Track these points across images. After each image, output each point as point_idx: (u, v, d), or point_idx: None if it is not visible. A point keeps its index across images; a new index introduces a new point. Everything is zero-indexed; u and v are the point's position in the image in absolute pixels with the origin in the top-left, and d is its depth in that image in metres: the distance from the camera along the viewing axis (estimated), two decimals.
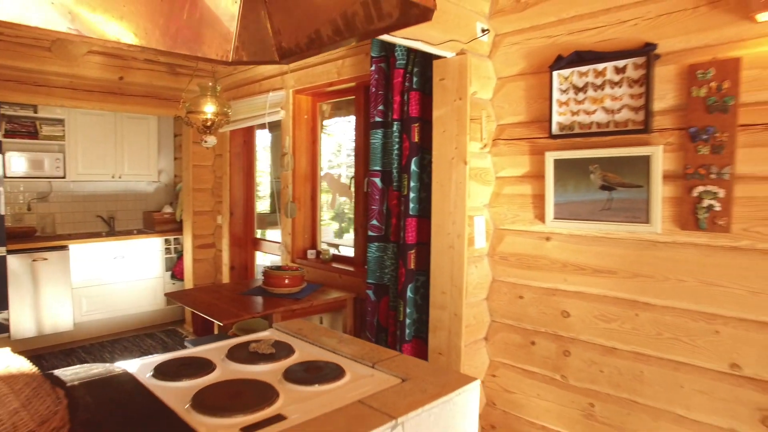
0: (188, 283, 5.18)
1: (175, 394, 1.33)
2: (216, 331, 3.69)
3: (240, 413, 1.20)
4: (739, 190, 1.90)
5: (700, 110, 1.96)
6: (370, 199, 3.05)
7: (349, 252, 4.20)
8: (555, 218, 2.40)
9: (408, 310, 2.78)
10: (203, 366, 1.50)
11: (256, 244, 4.94)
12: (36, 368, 1.10)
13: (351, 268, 3.70)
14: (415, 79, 2.73)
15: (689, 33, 2.03)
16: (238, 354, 1.60)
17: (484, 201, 2.68)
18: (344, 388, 1.39)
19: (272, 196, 5.78)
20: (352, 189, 3.78)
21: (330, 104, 4.26)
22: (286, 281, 3.19)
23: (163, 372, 1.45)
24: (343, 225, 6.72)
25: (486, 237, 2.69)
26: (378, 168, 2.98)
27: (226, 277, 4.93)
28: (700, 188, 1.97)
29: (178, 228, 5.50)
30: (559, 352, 2.48)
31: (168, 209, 5.75)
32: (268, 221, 5.59)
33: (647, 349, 2.19)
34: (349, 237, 5.53)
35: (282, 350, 1.63)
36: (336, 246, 5.66)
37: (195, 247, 5.15)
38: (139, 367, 1.52)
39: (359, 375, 1.48)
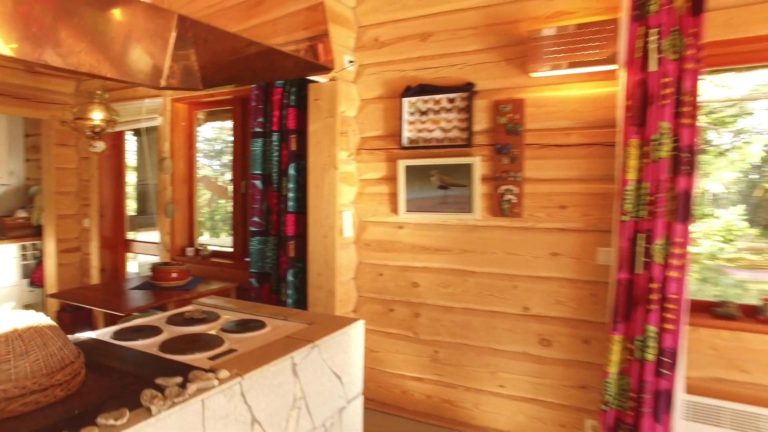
0: (51, 288, 5.01)
1: (141, 348, 1.69)
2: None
3: (201, 351, 1.62)
4: (526, 188, 2.74)
5: (502, 133, 2.77)
6: (252, 199, 3.46)
7: (225, 248, 4.50)
8: (406, 211, 3.07)
9: (290, 292, 3.25)
10: (152, 330, 1.85)
11: (127, 245, 4.98)
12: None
13: (231, 262, 4.04)
14: (292, 98, 3.22)
15: (496, 78, 2.83)
16: (176, 320, 1.97)
17: (351, 199, 3.26)
18: (270, 333, 1.86)
19: (138, 198, 5.77)
20: (230, 191, 4.13)
21: (205, 112, 4.53)
22: (174, 275, 3.45)
23: (121, 336, 1.77)
24: (217, 225, 6.87)
25: (353, 228, 3.28)
26: (259, 172, 3.41)
27: (95, 280, 4.89)
28: (503, 187, 2.77)
29: (35, 233, 5.26)
30: (411, 314, 3.16)
31: (22, 213, 5.44)
32: (138, 223, 5.57)
33: (473, 305, 2.96)
34: (221, 237, 5.76)
35: (211, 315, 2.04)
36: (206, 246, 5.83)
37: (59, 252, 5.01)
38: (96, 335, 1.81)
39: (277, 325, 1.96)
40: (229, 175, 4.50)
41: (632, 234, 2.41)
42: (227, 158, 5.35)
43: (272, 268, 3.44)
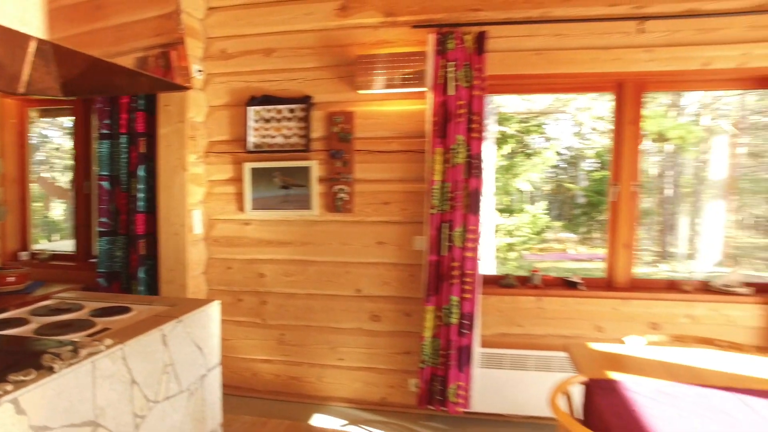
0: None
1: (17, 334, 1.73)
2: None
3: (77, 332, 1.72)
4: (357, 187, 3.15)
5: (335, 140, 3.14)
6: (99, 200, 3.40)
7: (66, 251, 4.27)
8: (252, 209, 3.30)
9: (141, 288, 3.28)
10: (19, 321, 1.86)
11: None
12: None
13: (74, 264, 3.87)
14: (141, 102, 3.25)
15: (330, 93, 3.19)
16: (41, 311, 1.99)
17: (200, 198, 3.39)
18: (137, 315, 2.01)
19: None
20: (72, 191, 3.95)
21: (39, 109, 4.25)
22: (11, 279, 3.25)
23: None
24: (56, 227, 6.31)
25: (202, 225, 3.41)
26: (106, 173, 3.36)
27: None
28: (337, 187, 3.15)
29: None
30: (259, 303, 3.39)
31: None
32: None
33: (314, 290, 3.29)
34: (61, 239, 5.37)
35: (75, 306, 2.09)
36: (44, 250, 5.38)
37: None
38: None
39: (142, 309, 2.09)
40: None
41: (439, 224, 2.93)
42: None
43: (122, 266, 3.42)
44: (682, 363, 1.99)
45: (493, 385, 3.02)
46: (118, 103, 3.30)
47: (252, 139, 3.27)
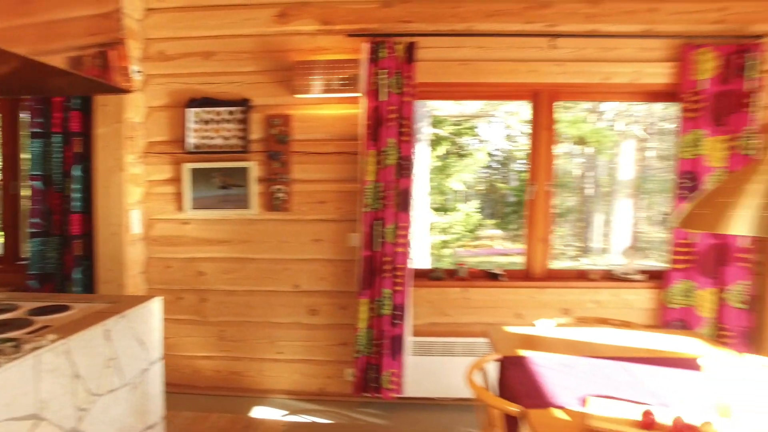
0: None
1: None
2: None
3: (16, 330, 1.72)
4: (294, 187, 3.25)
5: (273, 142, 3.23)
6: (32, 200, 3.31)
7: None
8: (192, 208, 3.33)
9: (77, 289, 3.22)
10: None
11: None
12: None
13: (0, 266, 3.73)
14: (75, 101, 3.19)
15: (268, 96, 3.27)
16: None
17: (138, 198, 3.37)
18: (78, 312, 2.01)
19: None
20: None
21: None
22: None
23: None
24: None
25: (141, 225, 3.39)
26: (39, 172, 3.28)
27: None
28: (275, 187, 3.24)
29: None
30: (199, 300, 3.42)
31: None
32: None
33: (253, 287, 3.36)
34: None
35: (9, 306, 2.05)
36: None
37: None
38: None
39: (82, 307, 2.10)
40: None
41: (371, 221, 3.10)
42: None
43: (55, 267, 3.33)
44: (582, 340, 2.25)
45: (424, 371, 3.22)
46: (50, 102, 3.23)
47: (191, 140, 3.30)
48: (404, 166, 3.06)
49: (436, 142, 8.94)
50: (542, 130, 3.27)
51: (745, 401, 1.49)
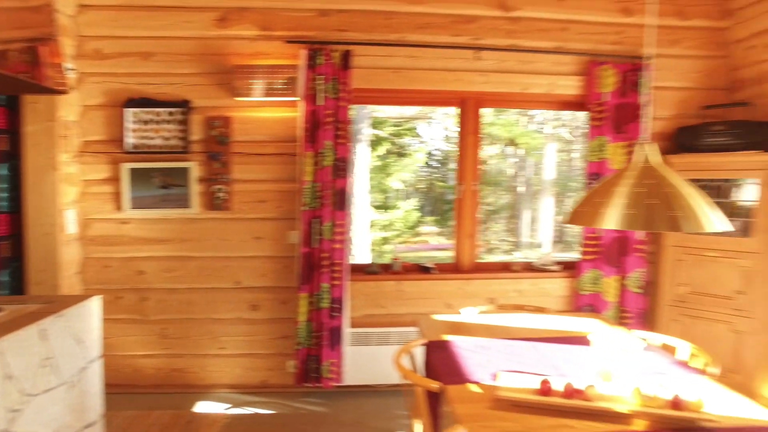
0: None
1: None
2: None
3: None
4: (235, 187, 3.32)
5: (214, 143, 3.29)
6: None
7: None
8: (131, 208, 3.32)
9: (4, 292, 3.13)
10: None
11: None
12: None
13: None
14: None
15: (209, 98, 3.31)
16: None
17: (73, 198, 3.32)
18: (8, 314, 1.98)
19: None
20: None
21: None
22: None
23: None
24: None
25: (77, 225, 3.34)
26: None
27: None
28: (216, 186, 3.30)
29: None
30: (139, 299, 3.41)
31: None
32: None
33: (195, 284, 3.40)
34: None
35: None
36: None
37: None
38: None
39: (15, 309, 2.07)
40: None
41: (310, 219, 3.22)
42: None
43: None
44: (499, 324, 2.49)
45: (362, 360, 3.39)
46: None
47: (130, 140, 3.29)
48: (341, 167, 3.20)
49: (376, 142, 9.16)
50: (469, 134, 3.52)
51: (623, 367, 1.76)
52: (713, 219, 1.40)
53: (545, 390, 1.65)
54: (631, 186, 1.47)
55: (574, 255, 9.01)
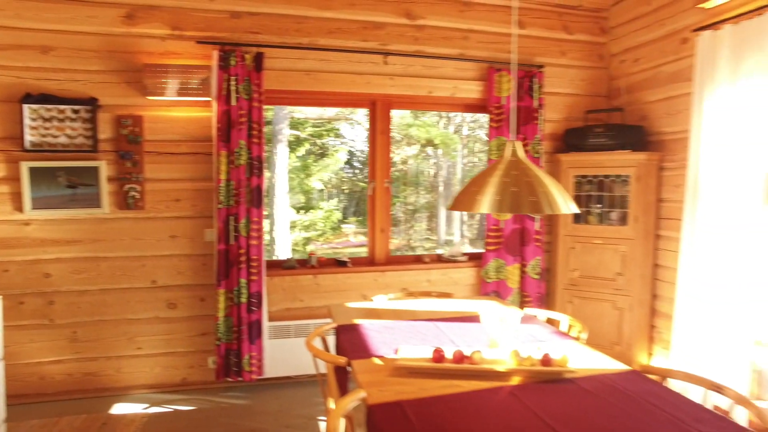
0: None
1: None
2: None
3: None
4: (148, 186, 3.34)
5: (124, 142, 3.29)
6: None
7: None
8: (33, 209, 3.22)
9: None
10: None
11: None
12: None
13: None
14: None
15: (117, 96, 3.30)
16: None
17: None
18: None
19: None
20: None
21: None
22: None
23: None
24: None
25: None
26: None
27: None
28: (128, 186, 3.30)
29: None
30: (45, 303, 3.33)
31: None
32: None
33: (108, 285, 3.37)
34: None
35: None
36: None
37: None
38: None
39: None
40: None
41: (226, 217, 3.32)
42: None
43: None
44: (406, 309, 2.75)
45: (281, 352, 3.53)
46: None
47: (30, 138, 3.20)
48: (255, 166, 3.33)
49: (296, 143, 9.24)
50: (379, 134, 3.76)
51: (505, 336, 2.06)
52: (563, 203, 1.71)
53: (438, 358, 1.91)
54: (500, 177, 1.75)
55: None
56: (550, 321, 2.79)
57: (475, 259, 3.97)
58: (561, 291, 3.93)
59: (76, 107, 3.24)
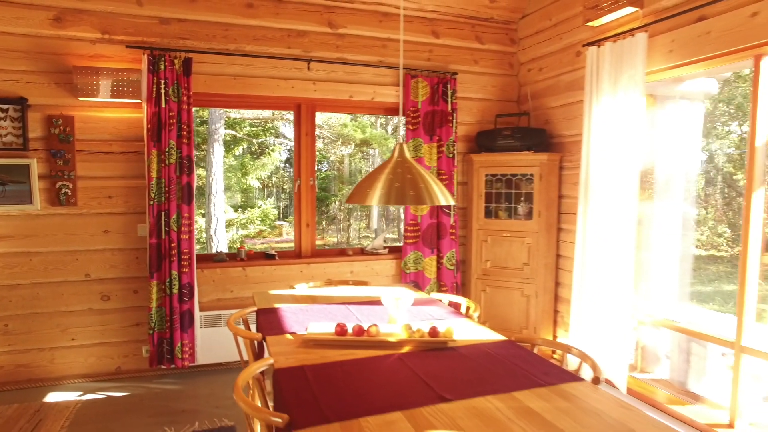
0: None
1: None
2: None
3: None
4: (80, 183, 3.58)
5: (56, 141, 3.51)
6: None
7: None
8: None
9: None
10: None
11: None
12: None
13: None
14: None
15: (48, 97, 3.51)
16: None
17: None
18: None
19: None
20: None
21: None
22: None
23: None
24: None
25: None
26: None
27: None
28: (60, 183, 3.53)
29: None
30: None
31: None
32: None
33: (40, 279, 3.59)
34: None
35: None
36: None
37: None
38: None
39: None
40: None
41: (157, 213, 3.60)
42: None
43: None
44: (322, 294, 3.15)
45: (212, 340, 3.85)
46: None
47: None
48: (185, 164, 3.63)
49: (233, 142, 9.44)
50: (304, 135, 4.13)
51: (401, 314, 2.50)
52: (442, 196, 2.16)
53: (340, 331, 2.31)
54: (387, 174, 2.18)
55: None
56: (452, 304, 3.26)
57: (395, 251, 4.42)
58: (475, 281, 4.44)
59: (5, 106, 3.43)
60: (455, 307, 3.73)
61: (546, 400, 1.67)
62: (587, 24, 3.69)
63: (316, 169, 4.22)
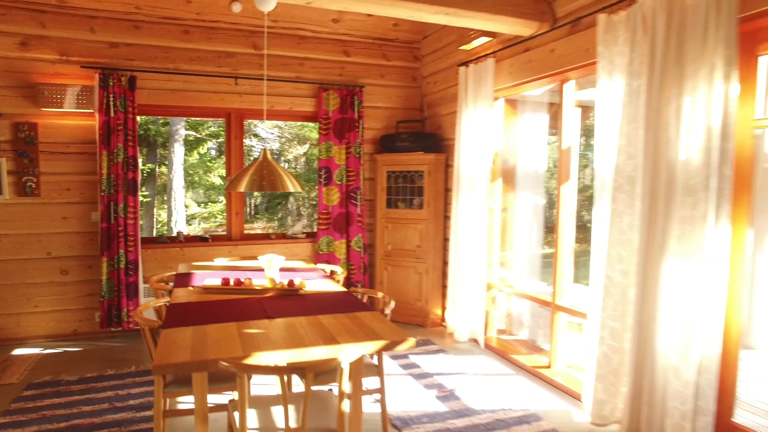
0: None
1: None
2: None
3: None
4: (43, 178, 4.51)
5: (22, 143, 4.44)
6: None
7: None
8: None
9: None
10: None
11: None
12: None
13: None
14: None
15: (16, 107, 4.43)
16: None
17: None
18: None
19: None
20: None
21: None
22: None
23: None
24: None
25: None
26: None
27: None
28: (26, 178, 4.46)
29: None
30: None
31: None
32: None
33: (8, 257, 4.52)
34: None
35: None
36: None
37: None
38: None
39: None
40: None
41: (107, 202, 4.55)
42: None
43: None
44: (231, 265, 4.11)
45: None
46: None
47: None
48: (130, 163, 4.58)
49: (195, 142, 10.37)
50: (234, 138, 5.10)
51: (273, 272, 3.47)
52: (291, 185, 3.14)
53: (224, 283, 3.28)
54: (254, 169, 3.16)
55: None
56: (332, 273, 4.25)
57: (311, 236, 5.40)
58: (380, 261, 5.43)
59: None
60: (334, 273, 4.70)
61: (336, 319, 2.64)
62: (459, 48, 4.69)
63: None
